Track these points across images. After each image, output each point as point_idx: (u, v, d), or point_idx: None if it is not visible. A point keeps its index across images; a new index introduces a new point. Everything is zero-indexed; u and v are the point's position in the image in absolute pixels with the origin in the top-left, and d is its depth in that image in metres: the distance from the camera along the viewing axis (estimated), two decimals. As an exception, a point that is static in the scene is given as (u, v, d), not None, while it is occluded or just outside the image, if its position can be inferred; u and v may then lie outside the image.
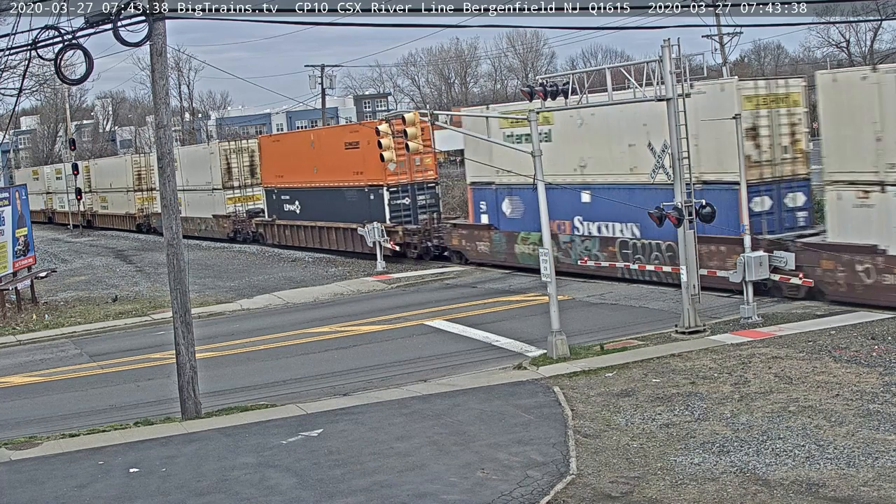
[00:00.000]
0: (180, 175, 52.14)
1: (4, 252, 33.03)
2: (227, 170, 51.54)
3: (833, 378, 16.75)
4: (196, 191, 54.50)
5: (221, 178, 51.64)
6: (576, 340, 21.28)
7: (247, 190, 51.63)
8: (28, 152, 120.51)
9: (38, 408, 20.59)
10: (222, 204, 51.84)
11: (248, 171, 51.40)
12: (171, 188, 18.19)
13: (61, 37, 16.95)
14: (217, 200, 52.58)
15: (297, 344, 24.85)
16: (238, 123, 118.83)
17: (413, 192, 38.19)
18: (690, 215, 21.35)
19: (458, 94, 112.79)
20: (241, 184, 51.64)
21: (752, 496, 12.07)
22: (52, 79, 47.68)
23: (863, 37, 67.76)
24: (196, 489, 13.75)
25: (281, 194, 46.21)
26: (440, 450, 14.66)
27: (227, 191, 51.61)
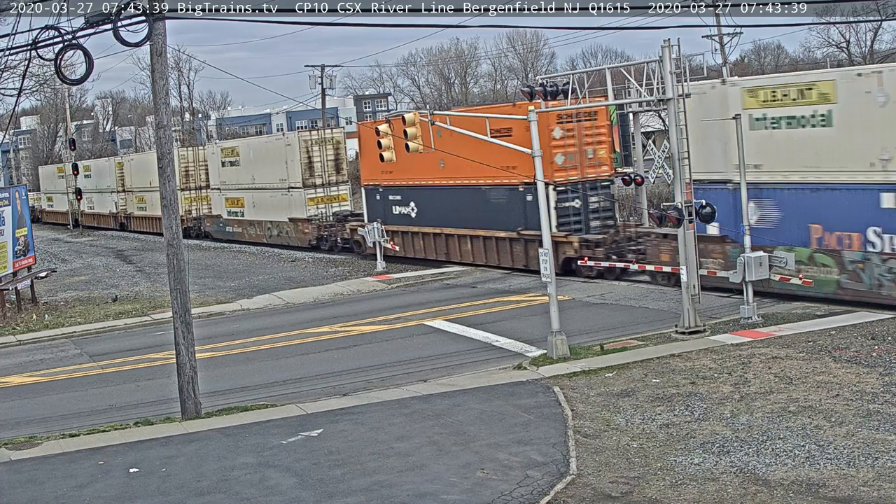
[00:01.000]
0: (243, 171, 48.41)
1: (4, 252, 33.03)
2: (309, 165, 43.67)
3: (833, 378, 16.75)
4: (265, 189, 47.10)
5: (301, 174, 43.76)
6: (576, 340, 21.28)
7: (331, 189, 44.14)
8: (28, 152, 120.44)
9: (38, 408, 20.59)
10: (301, 205, 43.95)
11: (333, 167, 43.96)
12: (171, 188, 18.20)
13: (61, 37, 16.94)
14: (295, 201, 44.65)
15: (297, 344, 24.85)
16: (238, 123, 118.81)
17: (584, 193, 30.57)
18: (690, 215, 21.37)
19: (458, 94, 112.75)
20: (324, 181, 44.00)
21: (752, 496, 12.07)
22: (52, 79, 47.76)
23: (863, 37, 67.82)
24: (196, 489, 13.75)
25: (388, 194, 38.32)
26: (440, 450, 14.66)
27: (307, 190, 43.70)
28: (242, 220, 50.25)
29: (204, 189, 55.77)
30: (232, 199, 51.06)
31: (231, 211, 51.32)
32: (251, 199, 48.43)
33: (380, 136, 23.38)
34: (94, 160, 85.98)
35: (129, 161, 68.08)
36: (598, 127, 30.18)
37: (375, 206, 38.96)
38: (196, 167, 56.46)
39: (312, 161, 43.80)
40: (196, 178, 56.67)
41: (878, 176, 21.48)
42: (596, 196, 30.04)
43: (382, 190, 38.39)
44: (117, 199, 68.59)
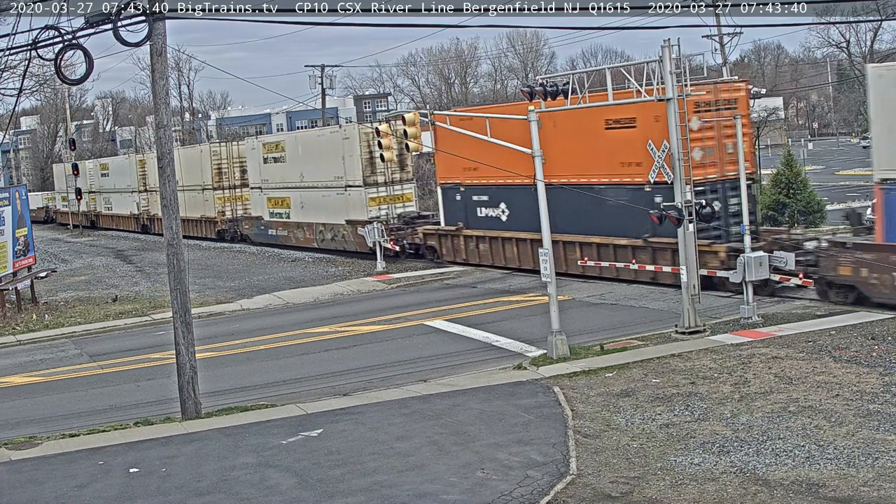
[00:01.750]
0: (289, 168, 44.13)
1: (4, 252, 33.04)
2: (370, 161, 38.82)
3: (833, 378, 16.75)
4: (317, 188, 42.37)
5: (362, 171, 39.03)
6: (576, 340, 21.28)
7: (395, 187, 39.56)
8: (28, 152, 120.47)
9: (38, 408, 20.58)
10: (362, 206, 39.19)
11: (397, 163, 39.16)
12: (171, 188, 18.19)
13: (61, 37, 16.95)
14: (353, 201, 39.82)
15: (297, 344, 24.85)
16: (238, 123, 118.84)
17: (724, 194, 26.39)
18: (690, 215, 21.37)
19: (458, 94, 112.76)
20: (387, 179, 39.37)
21: (752, 496, 12.07)
22: (52, 79, 47.66)
23: (863, 37, 67.86)
24: (196, 489, 13.75)
25: (472, 194, 33.96)
26: (440, 450, 14.66)
27: (368, 188, 39.13)
28: (288, 223, 45.05)
29: (239, 188, 52.03)
30: (276, 198, 46.16)
31: (275, 212, 46.49)
32: (299, 198, 43.77)
33: (380, 135, 23.39)
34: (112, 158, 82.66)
35: (152, 158, 60.67)
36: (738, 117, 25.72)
37: (455, 208, 34.96)
38: (230, 164, 52.17)
39: (374, 156, 38.48)
40: (230, 176, 52.38)
41: None
42: (737, 197, 25.56)
43: (464, 189, 34.07)
44: (139, 199, 63.78)
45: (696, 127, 24.66)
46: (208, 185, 53.27)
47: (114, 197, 69.91)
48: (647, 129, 25.89)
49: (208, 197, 53.54)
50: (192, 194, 54.99)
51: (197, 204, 54.69)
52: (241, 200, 51.80)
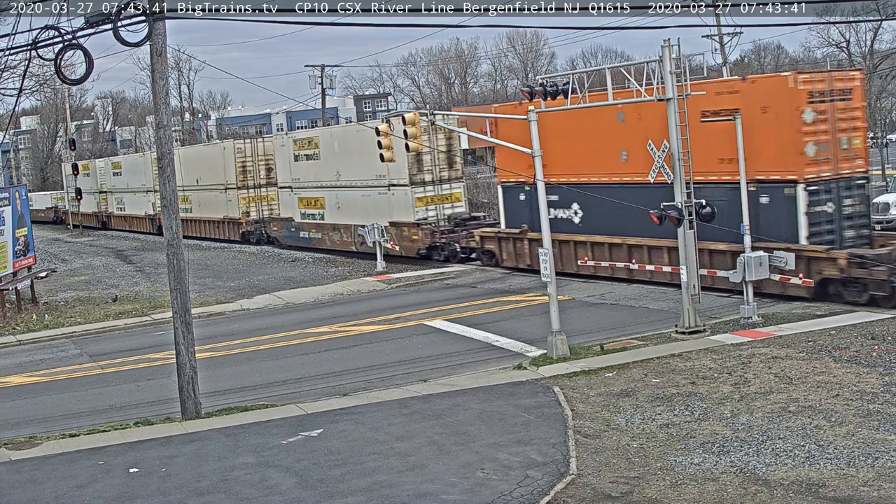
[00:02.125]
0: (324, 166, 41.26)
1: (4, 252, 33.04)
2: (417, 158, 36.16)
3: (833, 378, 16.75)
4: (355, 188, 39.24)
5: (408, 169, 36.12)
6: (576, 340, 21.28)
7: (443, 186, 36.80)
8: (28, 152, 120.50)
9: (38, 408, 20.58)
10: (407, 207, 36.41)
11: (445, 160, 36.75)
12: (171, 188, 18.16)
13: (61, 37, 16.95)
14: (398, 202, 36.94)
15: (297, 344, 24.85)
16: (238, 123, 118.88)
17: (838, 194, 23.86)
18: (690, 215, 21.37)
19: (458, 94, 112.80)
20: (435, 177, 36.65)
21: (752, 496, 12.07)
22: (52, 79, 47.63)
23: (863, 37, 67.74)
24: (196, 489, 13.75)
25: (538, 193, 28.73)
26: (440, 450, 14.66)
27: (415, 188, 36.20)
28: (322, 225, 42.06)
29: (265, 187, 49.52)
30: (308, 199, 43.15)
31: (307, 213, 43.39)
32: (334, 199, 40.66)
33: (380, 135, 23.37)
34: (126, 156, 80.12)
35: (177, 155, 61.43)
36: (853, 109, 24.10)
37: (518, 208, 31.87)
38: (255, 162, 49.55)
39: (421, 153, 35.81)
40: (255, 174, 49.65)
41: None
42: (851, 198, 23.59)
43: (530, 188, 29.96)
44: (154, 199, 59.66)
45: (809, 119, 22.99)
46: (232, 185, 50.27)
47: (127, 197, 66.87)
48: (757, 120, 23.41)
49: (231, 197, 50.56)
50: (213, 194, 52.17)
51: (219, 204, 51.89)
52: (266, 200, 49.24)
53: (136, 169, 64.31)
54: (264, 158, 49.68)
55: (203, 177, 53.15)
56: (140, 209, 64.03)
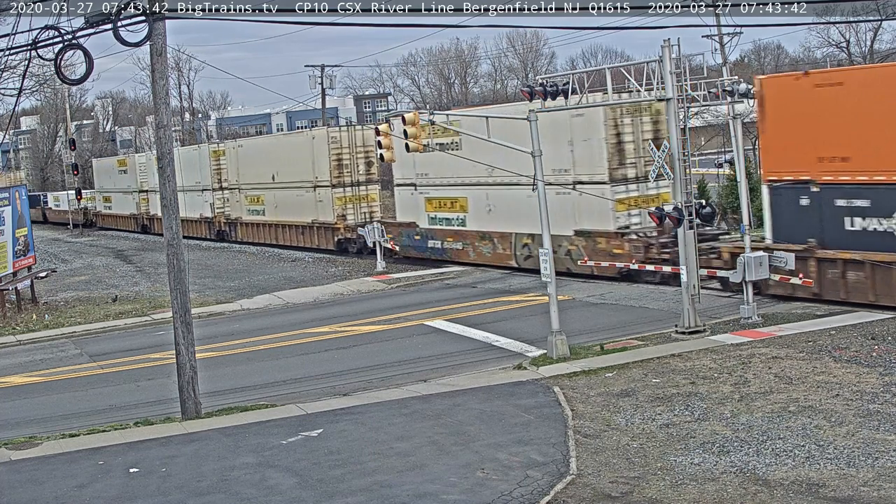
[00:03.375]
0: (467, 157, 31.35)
1: (4, 252, 33.04)
2: (617, 147, 28.32)
3: (833, 378, 16.75)
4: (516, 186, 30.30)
5: (607, 161, 28.42)
6: (576, 340, 21.28)
7: (647, 185, 28.55)
8: (28, 152, 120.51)
9: (38, 408, 20.59)
10: (604, 211, 28.23)
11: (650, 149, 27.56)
12: (171, 188, 18.16)
13: (61, 37, 16.95)
14: (589, 204, 28.44)
15: (297, 344, 24.85)
16: (238, 123, 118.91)
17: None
18: (691, 215, 21.37)
19: (458, 94, 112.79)
20: (638, 173, 28.77)
21: (752, 496, 12.07)
22: (52, 79, 47.54)
23: (863, 37, 67.76)
24: (196, 489, 13.75)
25: (835, 196, 22.69)
26: (440, 450, 14.66)
27: (615, 186, 28.45)
28: (464, 233, 34.42)
29: (364, 185, 42.22)
30: (442, 199, 35.64)
31: (439, 217, 35.62)
32: (483, 199, 32.93)
33: (379, 135, 23.37)
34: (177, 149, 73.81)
35: (234, 149, 51.19)
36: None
37: (797, 216, 23.55)
38: (352, 155, 41.73)
39: (623, 140, 28.45)
40: (352, 169, 41.66)
41: None
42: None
43: (820, 190, 22.87)
44: (213, 199, 52.88)
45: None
46: (324, 182, 41.79)
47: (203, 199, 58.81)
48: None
49: (323, 196, 42.09)
50: (296, 193, 43.96)
51: (305, 206, 43.37)
52: (366, 201, 41.74)
53: (190, 164, 54.72)
54: (363, 150, 41.82)
55: (282, 172, 44.83)
56: (194, 211, 54.64)
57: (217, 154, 52.51)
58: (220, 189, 52.52)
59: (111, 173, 69.81)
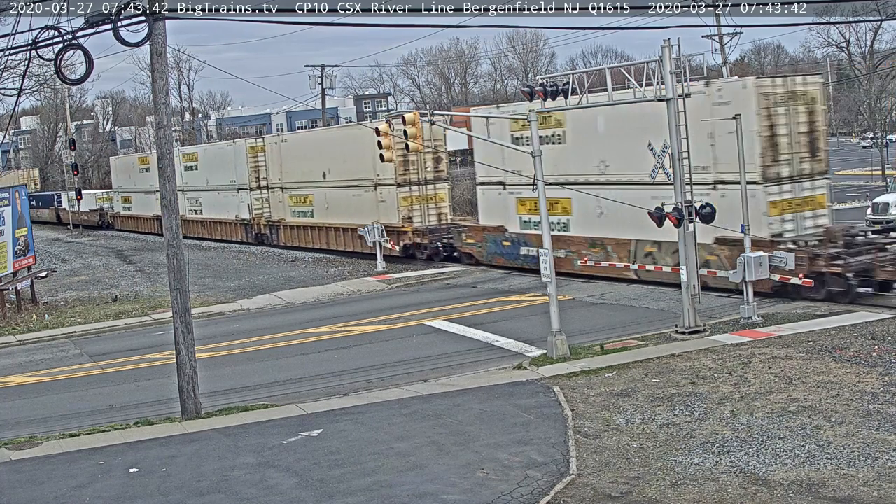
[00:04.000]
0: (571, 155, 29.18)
1: (4, 252, 33.04)
2: (771, 140, 24.50)
3: (833, 378, 16.75)
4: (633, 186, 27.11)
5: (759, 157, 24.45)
6: (576, 340, 21.28)
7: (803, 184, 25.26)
8: (28, 152, 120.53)
9: (38, 408, 20.58)
10: (757, 219, 23.59)
11: (806, 143, 25.15)
12: (171, 188, 18.17)
13: (61, 37, 16.95)
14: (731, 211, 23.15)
15: (297, 344, 24.85)
16: (238, 123, 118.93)
17: None
18: (690, 215, 21.36)
19: (458, 94, 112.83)
20: (793, 171, 25.02)
21: (752, 496, 12.06)
22: (52, 79, 47.56)
23: (863, 37, 67.79)
24: (196, 489, 13.75)
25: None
26: (440, 450, 14.66)
27: (769, 185, 24.51)
28: (569, 239, 30.11)
29: (432, 184, 37.70)
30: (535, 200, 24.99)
31: (535, 221, 30.42)
32: (590, 200, 28.32)
33: (380, 135, 23.35)
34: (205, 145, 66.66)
35: (276, 144, 46.95)
36: None
37: None
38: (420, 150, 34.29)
39: (776, 133, 24.71)
40: (419, 166, 37.58)
41: None
42: None
43: None
44: (251, 199, 48.30)
45: None
46: (387, 180, 37.51)
47: (206, 197, 54.02)
48: None
49: (386, 196, 37.75)
50: (351, 193, 39.73)
51: (363, 206, 39.17)
52: (434, 201, 37.29)
53: (222, 161, 51.02)
54: (432, 144, 37.39)
55: (335, 169, 40.43)
56: (228, 212, 50.68)
57: (255, 150, 48.05)
58: (258, 188, 48.07)
59: (131, 172, 64.87)
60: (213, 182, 52.46)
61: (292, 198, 45.09)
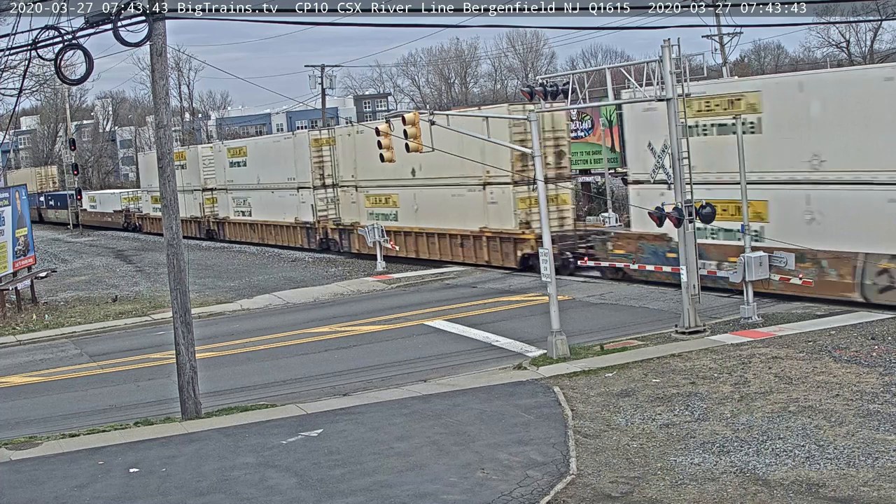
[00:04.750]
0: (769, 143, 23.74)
1: (4, 252, 33.04)
2: None
3: (833, 378, 16.75)
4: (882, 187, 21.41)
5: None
6: (576, 340, 21.28)
7: None
8: (28, 152, 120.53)
9: (38, 408, 20.59)
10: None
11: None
12: (171, 188, 18.18)
13: (61, 37, 16.96)
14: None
15: (297, 344, 24.85)
16: (238, 123, 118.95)
17: None
18: (690, 215, 21.36)
19: (458, 94, 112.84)
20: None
21: (752, 496, 12.07)
22: (52, 79, 47.56)
23: (863, 37, 67.87)
24: (196, 489, 13.75)
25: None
26: (440, 450, 14.66)
27: None
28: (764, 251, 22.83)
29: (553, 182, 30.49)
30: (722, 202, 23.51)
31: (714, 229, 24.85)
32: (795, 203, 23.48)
33: (380, 135, 23.34)
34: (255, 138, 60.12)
35: (348, 136, 40.51)
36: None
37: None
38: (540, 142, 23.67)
39: None
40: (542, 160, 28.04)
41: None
42: None
43: None
44: (314, 199, 42.77)
45: None
46: (500, 178, 31.64)
47: (256, 196, 48.25)
48: None
49: (498, 196, 32.06)
50: (449, 192, 34.23)
51: (465, 209, 33.59)
52: (555, 203, 31.16)
53: (278, 156, 45.34)
54: (552, 136, 31.58)
55: (427, 165, 33.58)
56: (284, 214, 45.22)
57: (319, 143, 42.48)
58: (322, 187, 42.37)
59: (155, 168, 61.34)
60: (265, 180, 46.64)
61: (369, 198, 39.03)
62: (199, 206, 54.82)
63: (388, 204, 38.12)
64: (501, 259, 32.59)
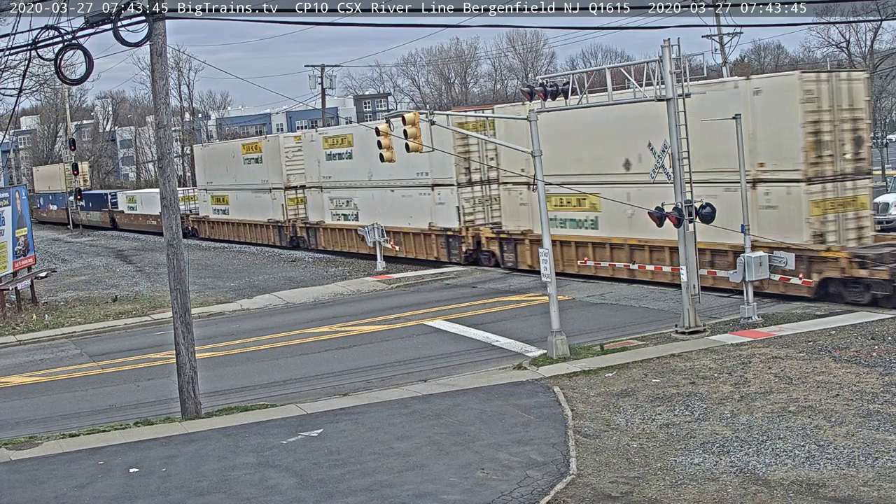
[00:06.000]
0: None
1: (4, 252, 33.04)
2: None
3: (833, 378, 16.75)
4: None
5: None
6: (576, 340, 21.28)
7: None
8: (28, 152, 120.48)
9: (38, 408, 20.58)
10: None
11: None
12: (171, 188, 18.15)
13: (61, 37, 16.96)
14: None
15: (297, 344, 24.84)
16: (238, 123, 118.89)
17: None
18: (690, 215, 21.35)
19: (458, 94, 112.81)
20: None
21: (752, 496, 12.07)
22: (52, 79, 47.51)
23: (863, 37, 67.76)
24: (196, 489, 13.75)
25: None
26: (440, 450, 14.66)
27: None
28: None
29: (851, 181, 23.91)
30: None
31: None
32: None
33: (380, 135, 23.33)
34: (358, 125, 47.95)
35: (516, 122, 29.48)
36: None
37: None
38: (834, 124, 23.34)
39: None
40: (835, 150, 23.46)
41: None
42: None
43: None
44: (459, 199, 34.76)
45: None
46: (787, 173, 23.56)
47: (365, 196, 39.24)
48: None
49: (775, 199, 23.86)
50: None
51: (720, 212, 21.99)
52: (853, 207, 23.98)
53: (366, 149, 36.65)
54: (850, 115, 23.78)
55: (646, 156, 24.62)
56: (409, 218, 36.88)
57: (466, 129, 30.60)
58: (468, 184, 34.58)
59: (230, 163, 49.36)
60: (380, 176, 37.07)
61: (560, 198, 29.50)
62: (280, 207, 45.99)
63: (575, 206, 29.57)
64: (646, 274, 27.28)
